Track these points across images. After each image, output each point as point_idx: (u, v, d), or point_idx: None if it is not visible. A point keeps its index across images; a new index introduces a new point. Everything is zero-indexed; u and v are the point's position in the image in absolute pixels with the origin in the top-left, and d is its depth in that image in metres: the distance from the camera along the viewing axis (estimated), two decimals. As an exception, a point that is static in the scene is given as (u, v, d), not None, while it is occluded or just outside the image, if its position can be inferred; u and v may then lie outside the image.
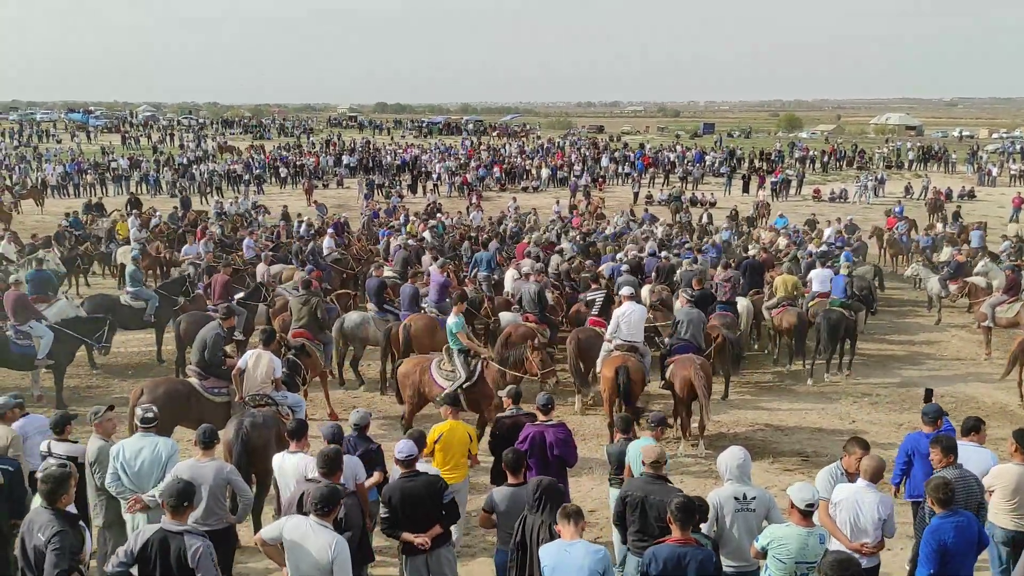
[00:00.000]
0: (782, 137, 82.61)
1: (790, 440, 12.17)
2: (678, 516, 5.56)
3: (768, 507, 6.37)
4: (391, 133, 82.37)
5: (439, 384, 11.00)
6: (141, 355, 16.34)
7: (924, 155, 57.53)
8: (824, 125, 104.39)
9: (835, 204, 40.27)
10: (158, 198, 40.10)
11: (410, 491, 6.59)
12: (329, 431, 7.39)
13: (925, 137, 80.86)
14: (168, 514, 5.51)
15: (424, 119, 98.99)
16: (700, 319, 12.47)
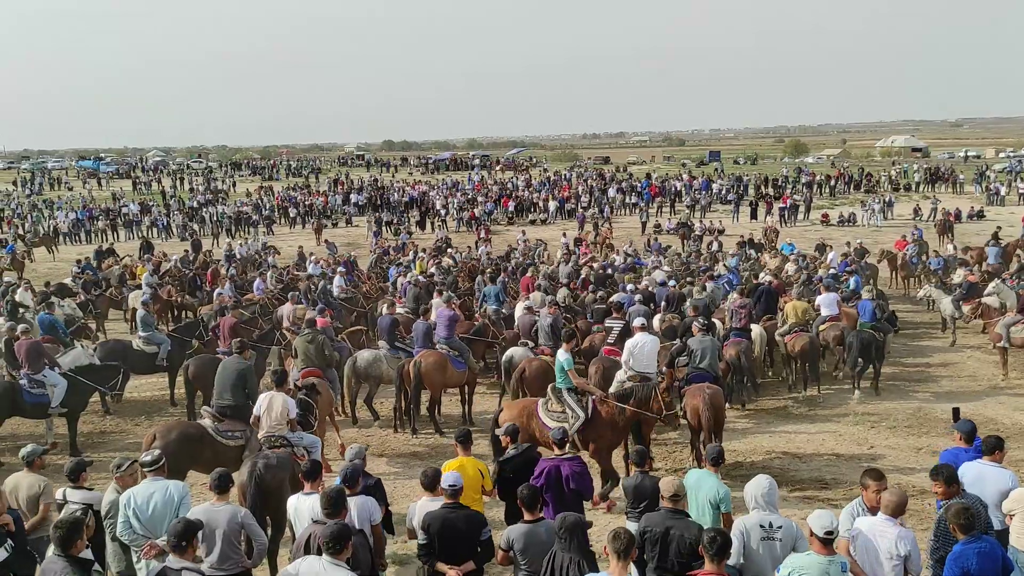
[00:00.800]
0: (788, 163, 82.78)
1: (808, 467, 12.04)
2: (711, 550, 5.45)
3: (795, 537, 6.28)
4: (398, 170, 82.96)
5: (548, 426, 10.32)
6: (154, 399, 16.35)
7: (931, 176, 57.53)
8: (830, 149, 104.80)
9: (844, 228, 40.22)
10: (169, 242, 40.43)
11: (451, 523, 6.70)
12: (343, 472, 7.34)
13: (931, 159, 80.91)
14: (172, 553, 5.51)
15: (431, 155, 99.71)
16: (714, 347, 12.45)
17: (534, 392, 13.78)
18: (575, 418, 10.41)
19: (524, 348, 14.72)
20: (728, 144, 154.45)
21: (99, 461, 11.90)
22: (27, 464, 7.85)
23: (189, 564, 5.61)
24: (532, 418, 10.61)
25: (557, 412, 10.55)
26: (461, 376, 14.19)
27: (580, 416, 10.42)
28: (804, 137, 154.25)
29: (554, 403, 10.66)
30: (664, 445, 13.12)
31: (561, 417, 10.47)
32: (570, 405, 10.51)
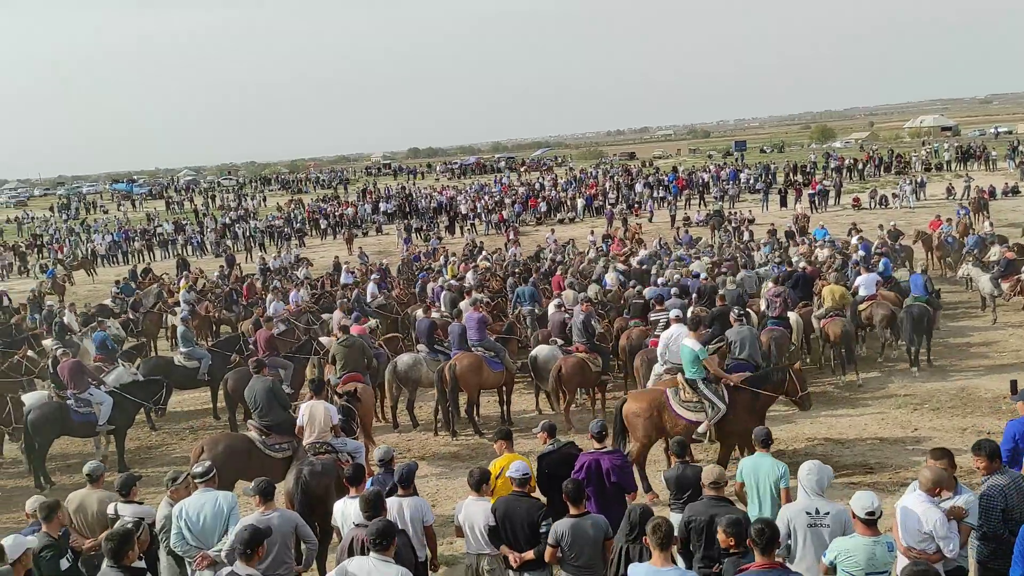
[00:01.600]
0: (816, 149, 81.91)
1: (852, 452, 11.95)
2: (760, 542, 5.36)
3: (844, 523, 6.25)
4: (425, 177, 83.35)
5: (684, 417, 10.45)
6: (198, 413, 16.62)
7: (963, 155, 56.65)
8: (858, 133, 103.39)
9: (876, 211, 39.74)
10: (204, 259, 41.02)
11: (513, 509, 7.01)
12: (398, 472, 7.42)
13: (962, 137, 79.63)
14: (239, 560, 5.63)
15: (457, 160, 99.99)
16: (753, 336, 12.42)
17: (571, 390, 13.86)
18: (714, 408, 10.38)
19: (550, 347, 14.74)
20: (754, 133, 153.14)
21: (147, 476, 12.13)
22: (92, 481, 8.04)
23: (254, 571, 5.71)
24: (664, 410, 10.56)
25: (692, 402, 10.51)
26: (499, 377, 14.25)
27: (720, 407, 10.38)
28: (831, 122, 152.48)
29: (687, 393, 10.57)
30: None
31: (697, 407, 10.45)
32: (707, 395, 10.44)
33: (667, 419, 10.53)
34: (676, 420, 10.45)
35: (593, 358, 13.92)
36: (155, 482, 11.90)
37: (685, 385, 10.63)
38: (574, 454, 8.27)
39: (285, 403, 10.77)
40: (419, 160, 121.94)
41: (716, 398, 10.42)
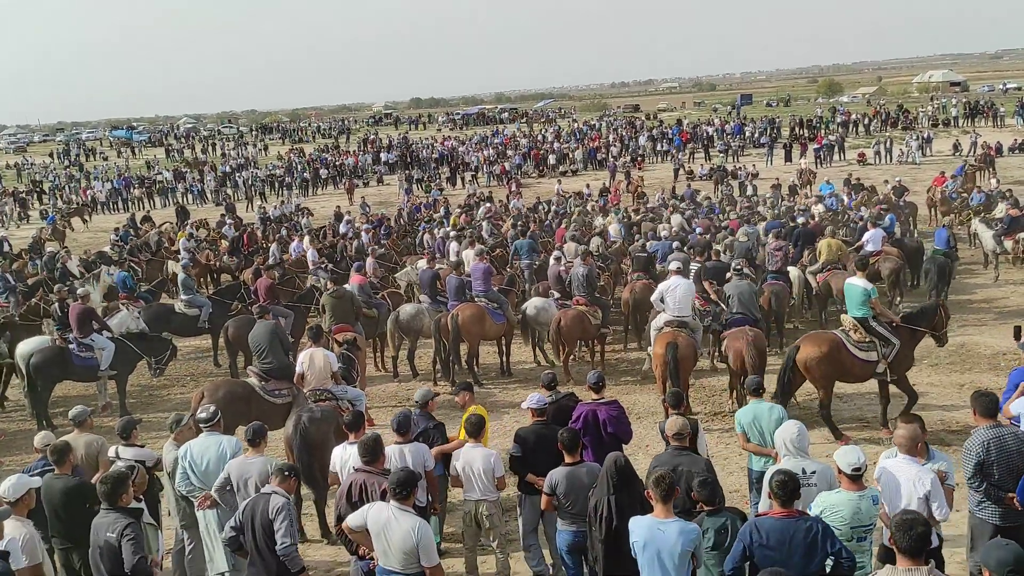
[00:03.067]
0: (822, 103, 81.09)
1: (849, 407, 12.00)
2: (780, 493, 5.37)
3: (829, 481, 6.27)
4: (426, 127, 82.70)
5: (860, 357, 10.57)
6: (199, 361, 16.70)
7: (971, 111, 56.11)
8: (865, 88, 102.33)
9: (880, 167, 39.43)
10: (204, 207, 40.90)
11: (543, 435, 7.43)
12: (394, 419, 7.48)
13: (971, 92, 78.79)
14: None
15: (459, 111, 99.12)
16: (751, 290, 12.41)
17: (571, 342, 13.89)
18: (888, 345, 10.55)
19: (544, 300, 14.73)
20: (760, 86, 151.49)
21: (148, 421, 12.23)
22: (77, 425, 8.16)
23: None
24: (842, 350, 10.62)
25: (865, 342, 10.61)
26: (500, 328, 14.28)
27: (895, 342, 10.55)
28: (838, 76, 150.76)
29: (858, 333, 10.67)
30: (703, 389, 13.15)
31: (869, 346, 10.58)
32: (880, 333, 10.60)
33: (845, 358, 10.60)
34: (854, 361, 10.57)
35: (593, 311, 13.92)
36: (156, 427, 12.00)
37: (857, 325, 10.69)
38: (571, 405, 8.32)
39: (287, 348, 10.83)
40: (421, 110, 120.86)
41: (892, 335, 10.60)
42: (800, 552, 5.18)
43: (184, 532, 7.72)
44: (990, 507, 6.45)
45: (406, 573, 5.75)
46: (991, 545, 4.48)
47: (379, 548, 5.85)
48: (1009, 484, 6.34)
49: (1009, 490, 6.33)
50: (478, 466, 7.31)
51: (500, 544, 7.63)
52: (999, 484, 6.34)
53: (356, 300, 13.68)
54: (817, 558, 5.18)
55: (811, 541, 5.20)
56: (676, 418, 6.99)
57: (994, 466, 6.33)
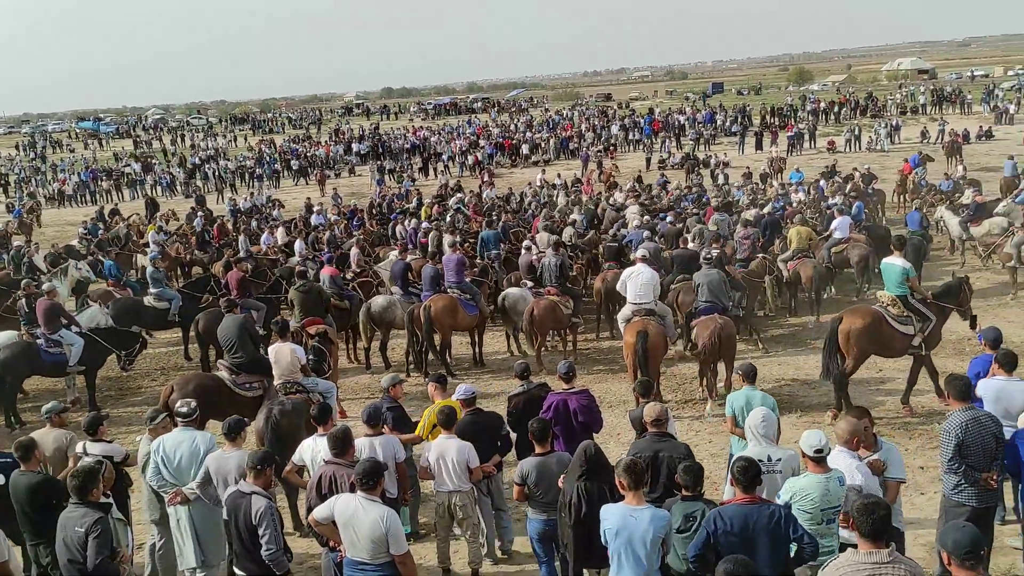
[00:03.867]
0: (793, 91, 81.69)
1: (817, 393, 12.16)
2: (741, 479, 5.42)
3: (795, 468, 6.36)
4: (398, 117, 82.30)
5: (899, 330, 11.02)
6: (169, 355, 16.56)
7: (938, 98, 56.76)
8: (835, 76, 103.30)
9: (850, 154, 39.80)
10: (174, 199, 40.48)
11: (477, 425, 7.75)
12: (364, 411, 7.50)
13: (939, 80, 79.68)
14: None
15: (431, 101, 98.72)
16: (720, 279, 12.49)
17: (543, 332, 13.93)
18: (925, 320, 11.05)
19: (520, 289, 14.79)
20: (732, 75, 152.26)
21: (117, 416, 12.16)
22: (48, 420, 8.11)
23: (256, 488, 6.03)
24: (883, 323, 11.04)
25: (903, 316, 11.06)
26: (472, 319, 14.29)
27: (932, 317, 11.09)
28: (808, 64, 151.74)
29: (897, 308, 11.10)
30: (673, 377, 13.25)
31: (907, 320, 11.04)
32: (918, 310, 11.09)
33: (885, 335, 11.02)
34: (893, 333, 11.01)
35: (565, 300, 13.97)
36: (126, 421, 11.94)
37: (896, 300, 11.11)
38: (543, 395, 8.37)
39: (257, 341, 10.78)
40: (393, 100, 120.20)
41: (928, 311, 11.10)
42: (764, 538, 5.24)
43: (155, 527, 7.67)
44: (967, 489, 6.57)
45: (375, 563, 5.77)
46: (949, 528, 4.57)
47: (347, 539, 5.86)
48: (983, 465, 6.50)
49: (983, 470, 6.48)
50: (452, 457, 7.35)
51: (473, 534, 7.68)
52: (975, 465, 6.49)
53: (324, 293, 13.62)
54: (781, 544, 5.25)
55: (774, 527, 5.25)
56: (655, 404, 7.03)
57: (970, 447, 6.47)
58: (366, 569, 5.81)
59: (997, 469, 6.55)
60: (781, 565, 5.30)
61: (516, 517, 8.77)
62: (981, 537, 4.35)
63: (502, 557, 8.09)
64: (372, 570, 5.80)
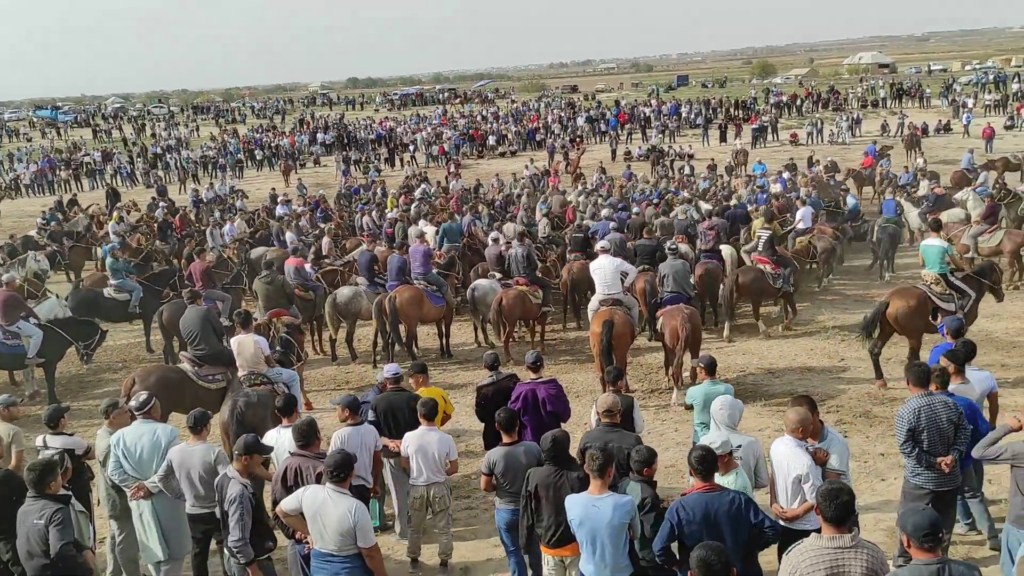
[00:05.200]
0: (757, 84, 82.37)
1: (781, 382, 12.31)
2: (699, 468, 5.43)
3: (756, 455, 6.43)
4: (363, 108, 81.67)
5: (943, 307, 11.39)
6: (130, 347, 16.32)
7: (898, 92, 57.58)
8: (798, 69, 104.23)
9: (812, 147, 40.23)
10: (135, 189, 39.84)
11: (395, 402, 7.99)
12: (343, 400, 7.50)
13: (898, 74, 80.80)
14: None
15: (397, 91, 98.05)
16: (684, 269, 12.59)
17: (512, 322, 13.94)
18: (965, 297, 11.52)
19: (489, 280, 14.78)
20: (696, 68, 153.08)
21: (77, 408, 11.96)
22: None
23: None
24: (927, 302, 11.48)
25: (945, 294, 11.53)
26: (439, 311, 14.24)
27: (972, 293, 11.57)
28: (772, 58, 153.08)
29: (940, 286, 11.58)
30: (640, 367, 13.34)
31: (948, 298, 11.49)
32: (959, 286, 11.58)
33: (931, 311, 11.45)
34: (937, 310, 11.40)
35: (534, 290, 13.98)
36: (87, 415, 11.75)
37: (938, 279, 11.58)
38: (511, 386, 8.38)
39: (220, 332, 10.66)
40: (358, 91, 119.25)
41: (968, 288, 11.59)
42: (726, 524, 5.29)
43: (114, 522, 7.55)
44: (924, 473, 6.72)
45: (342, 555, 5.74)
46: (908, 511, 4.66)
47: (314, 531, 5.82)
48: (939, 450, 6.63)
49: (939, 455, 6.61)
50: (433, 450, 7.36)
51: (446, 525, 7.68)
52: (929, 450, 6.64)
53: (288, 285, 13.51)
54: (743, 530, 5.29)
55: (735, 513, 5.31)
56: (606, 395, 7.11)
57: (924, 432, 6.62)
58: (333, 561, 5.78)
59: (955, 455, 6.69)
60: (743, 548, 5.35)
61: (484, 507, 8.81)
62: (940, 520, 4.44)
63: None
64: (339, 562, 5.77)
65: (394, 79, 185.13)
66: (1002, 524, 6.74)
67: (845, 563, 4.53)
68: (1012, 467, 6.05)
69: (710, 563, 4.32)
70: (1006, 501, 8.17)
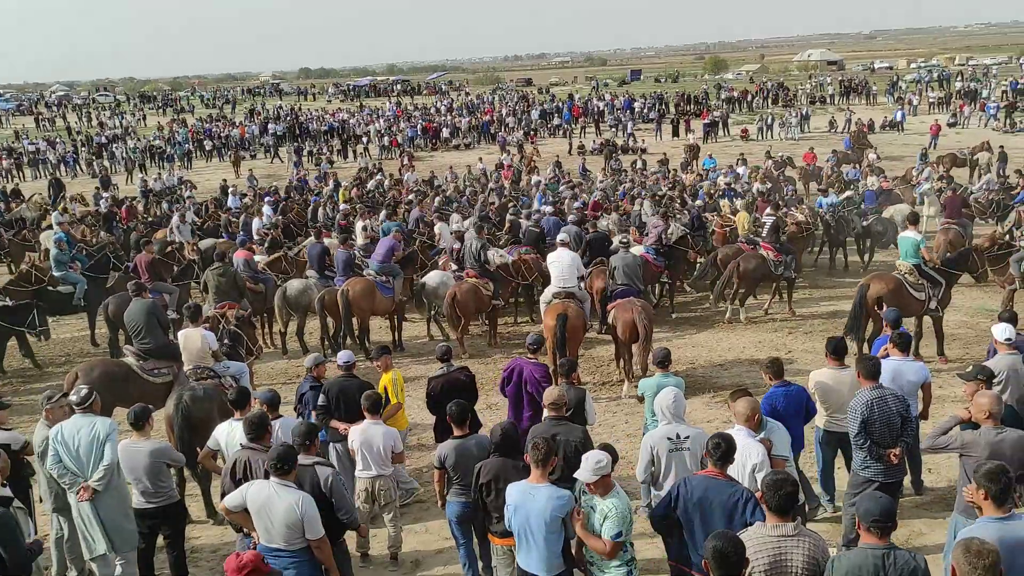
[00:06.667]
0: (709, 80, 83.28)
1: (729, 374, 12.48)
2: (714, 453, 5.45)
3: (703, 445, 6.49)
4: (316, 99, 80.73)
5: (915, 296, 12.15)
6: (74, 340, 15.97)
7: (846, 89, 58.64)
8: (749, 65, 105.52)
9: (762, 142, 40.82)
10: (79, 180, 38.91)
11: (346, 388, 8.17)
12: (265, 395, 7.41)
13: (846, 71, 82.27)
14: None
15: (350, 82, 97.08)
16: (636, 262, 12.69)
17: (467, 315, 13.92)
18: (937, 286, 12.27)
19: (439, 273, 14.77)
20: (650, 63, 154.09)
21: (20, 404, 11.69)
22: None
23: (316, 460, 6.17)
24: (903, 288, 12.18)
25: (918, 284, 12.24)
26: (389, 303, 14.17)
27: (942, 281, 12.32)
28: (724, 54, 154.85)
29: (913, 276, 12.27)
30: (592, 360, 13.42)
31: (921, 287, 12.23)
32: (931, 275, 12.32)
33: (906, 297, 12.09)
34: (911, 298, 12.11)
35: (485, 283, 13.98)
36: (29, 410, 11.48)
37: (912, 269, 12.30)
38: (462, 379, 8.40)
39: (166, 325, 10.50)
40: (310, 81, 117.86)
41: (939, 276, 12.35)
42: (719, 512, 5.30)
43: (58, 517, 7.39)
44: (873, 465, 6.88)
45: (290, 550, 5.70)
46: (864, 496, 4.81)
47: (261, 526, 5.76)
48: (888, 441, 6.82)
49: (888, 447, 6.79)
50: (378, 443, 7.36)
51: (394, 518, 7.67)
52: (879, 442, 6.81)
53: (239, 277, 13.34)
54: (736, 524, 5.22)
55: (731, 506, 5.29)
56: (552, 388, 7.17)
57: (875, 424, 6.79)
58: (281, 556, 5.72)
59: (902, 447, 6.88)
60: None
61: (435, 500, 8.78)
62: (893, 508, 4.58)
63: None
64: (287, 557, 5.72)
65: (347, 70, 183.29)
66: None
67: (787, 551, 4.64)
68: (960, 456, 6.20)
69: (726, 554, 4.29)
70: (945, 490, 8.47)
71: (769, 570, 4.63)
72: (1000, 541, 4.40)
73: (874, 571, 4.40)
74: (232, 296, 12.84)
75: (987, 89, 53.28)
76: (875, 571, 4.40)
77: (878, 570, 4.40)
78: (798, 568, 4.62)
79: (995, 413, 5.99)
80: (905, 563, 4.41)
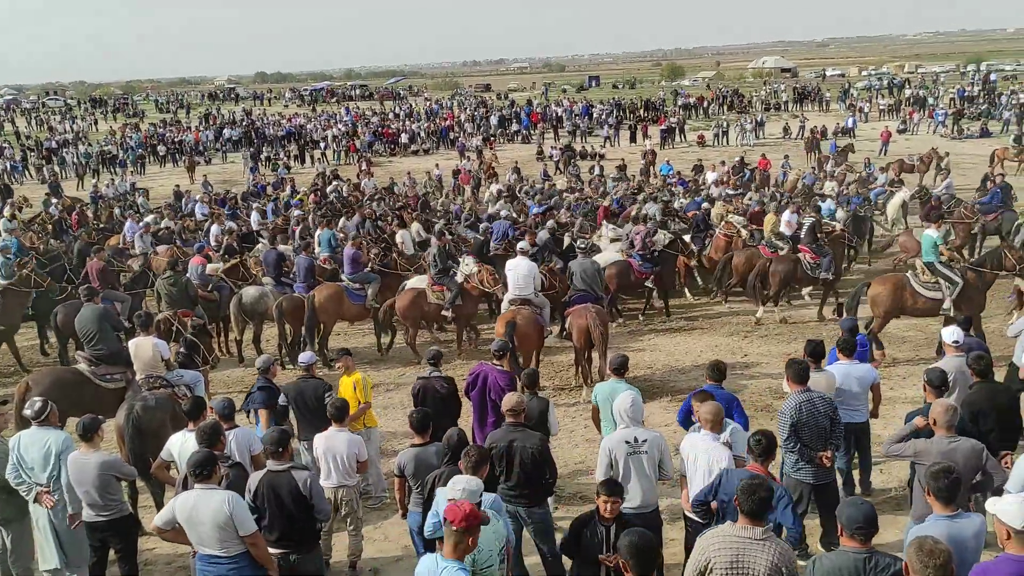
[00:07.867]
0: (666, 86, 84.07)
1: (687, 378, 12.57)
2: (756, 449, 5.80)
3: (660, 448, 6.55)
4: (272, 103, 79.97)
5: (925, 295, 12.24)
6: (24, 350, 15.57)
7: (799, 96, 59.62)
8: (705, 72, 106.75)
9: (718, 148, 41.30)
10: (28, 185, 38.06)
11: (304, 388, 8.48)
12: (219, 405, 7.30)
13: (800, 78, 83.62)
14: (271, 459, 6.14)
15: (307, 87, 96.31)
16: (594, 268, 12.72)
17: (410, 321, 13.80)
18: (953, 285, 12.15)
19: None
20: (608, 69, 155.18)
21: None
22: None
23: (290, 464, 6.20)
24: (905, 289, 12.36)
25: (931, 282, 12.31)
26: (359, 309, 14.09)
27: (959, 281, 12.17)
28: (680, 60, 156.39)
29: (925, 275, 12.37)
30: (551, 365, 13.44)
31: (935, 286, 12.25)
32: (945, 274, 12.25)
33: (908, 297, 12.34)
34: (917, 298, 12.33)
35: (439, 291, 13.83)
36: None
37: (924, 268, 12.44)
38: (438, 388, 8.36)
39: (120, 328, 10.32)
40: (267, 85, 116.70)
41: (956, 275, 12.23)
42: None
43: (4, 528, 7.19)
44: (804, 468, 7.02)
45: (227, 556, 5.62)
46: (846, 503, 4.85)
47: (194, 536, 5.69)
48: (818, 445, 6.96)
49: (818, 450, 6.92)
50: (342, 452, 7.30)
51: (356, 527, 7.60)
52: (809, 444, 6.94)
53: (191, 284, 13.15)
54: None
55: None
56: (512, 394, 7.14)
57: (804, 428, 6.93)
58: (219, 563, 5.66)
59: (833, 449, 7.04)
60: None
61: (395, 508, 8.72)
62: (875, 514, 4.63)
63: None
64: (225, 562, 5.65)
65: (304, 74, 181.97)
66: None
67: (750, 553, 4.70)
68: (913, 464, 6.31)
69: (641, 548, 4.48)
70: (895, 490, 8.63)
71: (729, 569, 4.71)
72: (948, 538, 4.51)
73: (855, 573, 4.49)
74: (184, 304, 12.68)
75: (935, 97, 54.52)
76: (856, 573, 4.49)
77: (859, 572, 4.49)
78: (759, 572, 4.67)
79: (948, 422, 6.10)
80: (886, 566, 4.50)
